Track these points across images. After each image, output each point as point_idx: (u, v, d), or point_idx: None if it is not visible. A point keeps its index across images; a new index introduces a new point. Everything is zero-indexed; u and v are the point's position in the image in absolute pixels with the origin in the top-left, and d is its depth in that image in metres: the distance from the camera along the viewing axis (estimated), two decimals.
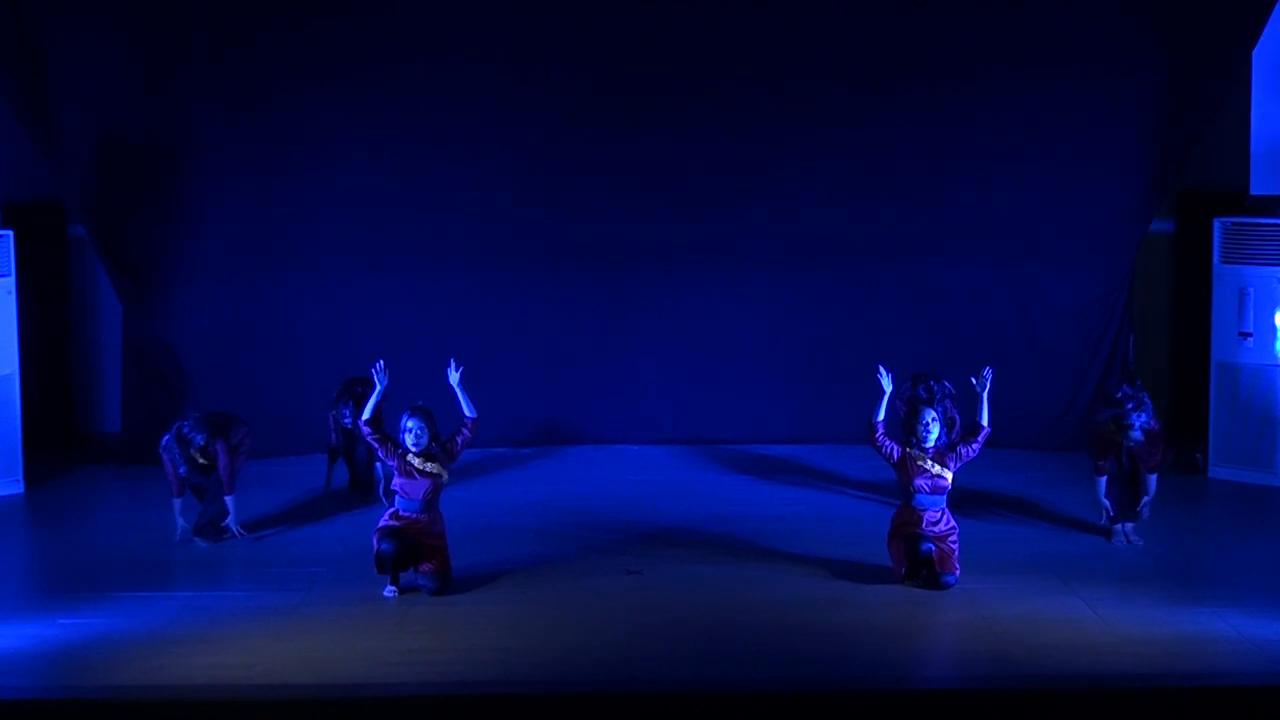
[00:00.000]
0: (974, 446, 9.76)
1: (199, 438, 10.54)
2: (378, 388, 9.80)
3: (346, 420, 11.38)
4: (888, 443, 9.74)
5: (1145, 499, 10.60)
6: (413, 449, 9.60)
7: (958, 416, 11.26)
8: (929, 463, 9.69)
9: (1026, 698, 8.02)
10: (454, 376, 9.75)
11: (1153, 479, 10.56)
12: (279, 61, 12.69)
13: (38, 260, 12.93)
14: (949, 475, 9.72)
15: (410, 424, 9.61)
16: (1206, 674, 8.33)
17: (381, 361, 9.92)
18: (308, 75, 12.72)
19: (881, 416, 9.73)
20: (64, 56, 12.37)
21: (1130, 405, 10.35)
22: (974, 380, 9.81)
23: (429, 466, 9.62)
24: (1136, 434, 10.33)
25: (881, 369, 9.89)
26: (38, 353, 12.79)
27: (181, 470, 10.60)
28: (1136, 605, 9.31)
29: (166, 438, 10.65)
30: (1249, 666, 8.39)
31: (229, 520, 10.69)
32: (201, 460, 10.62)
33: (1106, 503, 10.56)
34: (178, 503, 10.73)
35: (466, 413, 9.74)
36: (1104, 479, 10.53)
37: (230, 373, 12.41)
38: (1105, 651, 8.61)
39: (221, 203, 12.89)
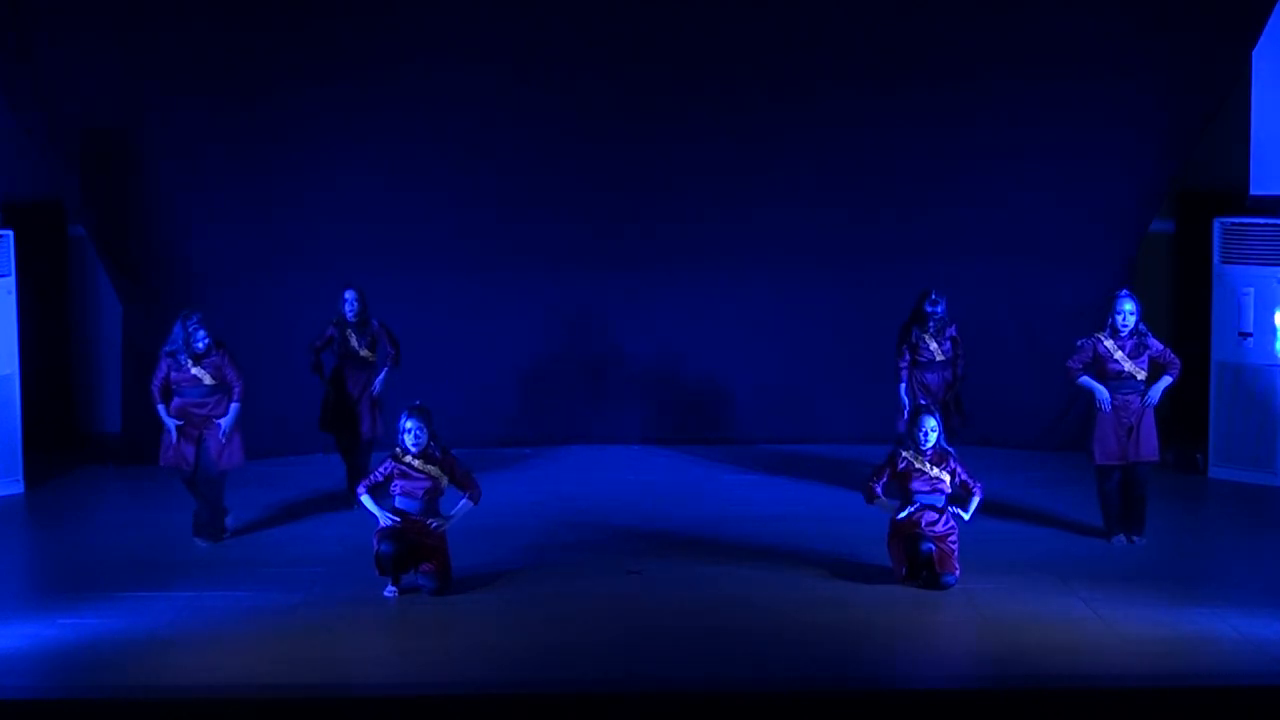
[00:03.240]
0: (970, 484, 9.77)
1: (202, 335, 10.51)
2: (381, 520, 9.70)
3: (345, 307, 11.41)
4: (881, 485, 9.77)
5: (1168, 382, 10.56)
6: (412, 449, 9.59)
7: (962, 354, 11.70)
8: (926, 464, 9.69)
9: (1026, 698, 8.02)
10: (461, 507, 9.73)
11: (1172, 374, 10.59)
12: (279, 62, 12.69)
13: (38, 260, 12.95)
14: (947, 478, 9.71)
15: (409, 424, 9.61)
16: (1206, 674, 8.33)
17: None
18: (308, 75, 12.72)
19: (879, 495, 9.76)
20: (64, 57, 12.38)
21: (1117, 296, 10.58)
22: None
23: (428, 468, 9.61)
24: (1124, 315, 10.40)
25: (909, 511, 9.72)
26: (38, 353, 12.80)
27: (183, 357, 10.48)
28: (1136, 605, 9.31)
29: (175, 333, 10.58)
30: (1249, 666, 8.39)
31: (225, 420, 10.60)
32: (195, 370, 10.54)
33: (1099, 388, 10.48)
34: (163, 407, 10.64)
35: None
36: (1084, 378, 10.53)
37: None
38: (1105, 651, 8.61)
39: (221, 203, 12.90)
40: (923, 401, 10.94)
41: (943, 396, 11.70)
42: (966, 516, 9.74)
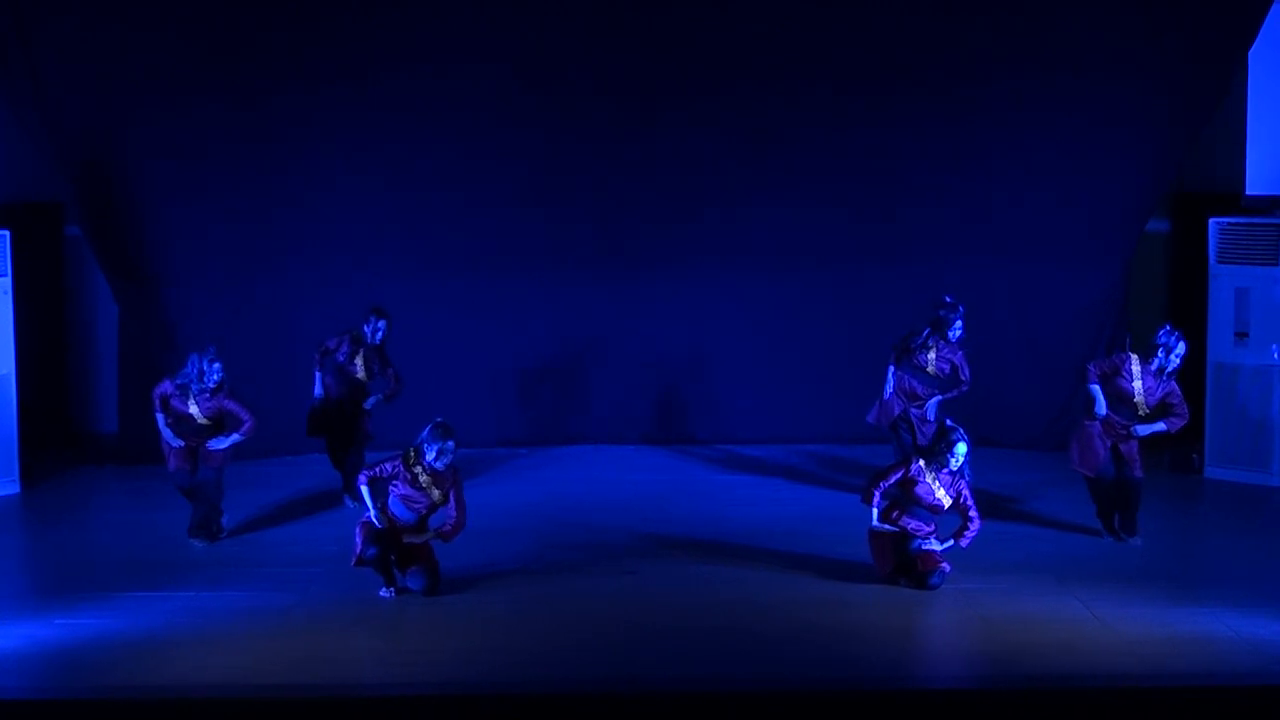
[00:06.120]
0: (970, 515, 9.69)
1: (218, 368, 10.48)
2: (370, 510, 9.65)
3: (377, 335, 11.45)
4: (886, 485, 9.68)
5: (1161, 429, 10.49)
6: (439, 467, 9.50)
7: (964, 364, 11.35)
8: (936, 482, 9.65)
9: (1023, 697, 8.03)
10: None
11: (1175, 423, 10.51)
12: (277, 63, 12.68)
13: (34, 260, 12.93)
14: (947, 503, 9.64)
15: (449, 444, 9.45)
16: (1203, 674, 8.34)
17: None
18: (306, 77, 12.71)
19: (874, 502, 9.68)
20: (62, 58, 12.36)
21: (1174, 337, 10.41)
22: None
23: (434, 490, 9.56)
24: (1173, 359, 10.34)
25: (889, 530, 9.66)
26: (34, 353, 12.79)
27: (194, 389, 10.44)
28: (1132, 605, 9.32)
29: (189, 368, 10.52)
30: (1245, 666, 8.40)
31: (222, 440, 10.58)
32: (192, 408, 10.49)
33: (1101, 400, 10.46)
34: (161, 416, 10.62)
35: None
36: (1095, 385, 10.47)
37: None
38: (1101, 651, 8.62)
39: (217, 204, 12.87)
40: (948, 422, 10.75)
41: (909, 408, 11.54)
42: (938, 549, 9.66)
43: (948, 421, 9.76)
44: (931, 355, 11.52)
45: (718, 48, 12.97)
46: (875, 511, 9.68)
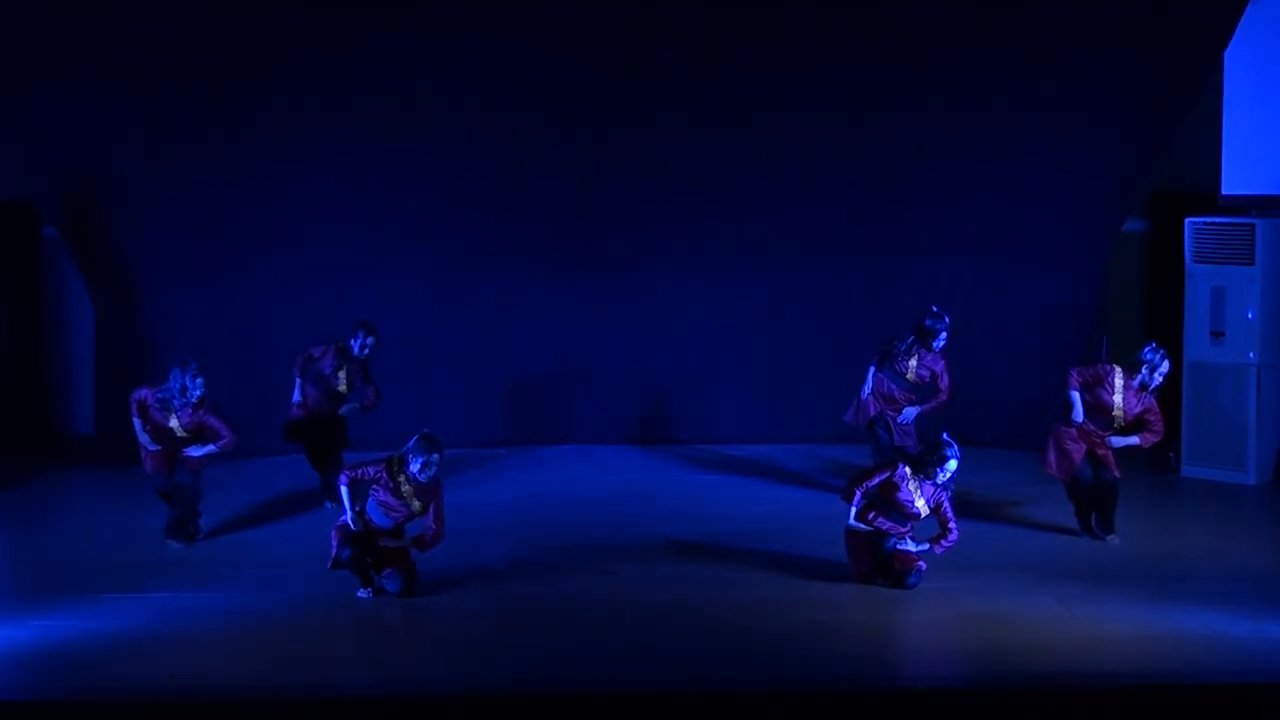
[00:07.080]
0: (949, 524, 9.69)
1: (200, 383, 10.44)
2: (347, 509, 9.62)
3: (367, 352, 11.42)
4: (870, 485, 9.65)
5: (1135, 442, 10.53)
6: (423, 479, 9.46)
7: (945, 373, 11.35)
8: (917, 491, 9.65)
9: (1001, 697, 8.04)
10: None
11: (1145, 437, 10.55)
12: (254, 64, 12.62)
13: (10, 261, 12.89)
14: (925, 512, 9.63)
15: (435, 457, 9.37)
16: (1180, 672, 8.37)
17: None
18: (283, 77, 12.65)
19: (854, 503, 9.66)
20: (42, 60, 12.30)
21: (1160, 355, 10.39)
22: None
23: (415, 504, 9.52)
24: (1157, 377, 10.35)
25: (865, 530, 9.67)
26: (10, 353, 12.75)
27: (176, 403, 10.42)
28: (1110, 604, 9.35)
29: (171, 383, 10.47)
30: (1222, 664, 8.44)
31: (200, 449, 10.59)
32: (172, 422, 10.47)
33: (1079, 406, 10.49)
34: (138, 421, 10.58)
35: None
36: (1076, 392, 10.49)
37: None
38: (1079, 650, 8.64)
39: (194, 204, 12.83)
40: (944, 435, 10.71)
41: (885, 411, 11.56)
42: (914, 549, 9.67)
43: (944, 435, 9.67)
44: (913, 363, 11.53)
45: (701, 52, 12.95)
46: (853, 510, 9.68)
